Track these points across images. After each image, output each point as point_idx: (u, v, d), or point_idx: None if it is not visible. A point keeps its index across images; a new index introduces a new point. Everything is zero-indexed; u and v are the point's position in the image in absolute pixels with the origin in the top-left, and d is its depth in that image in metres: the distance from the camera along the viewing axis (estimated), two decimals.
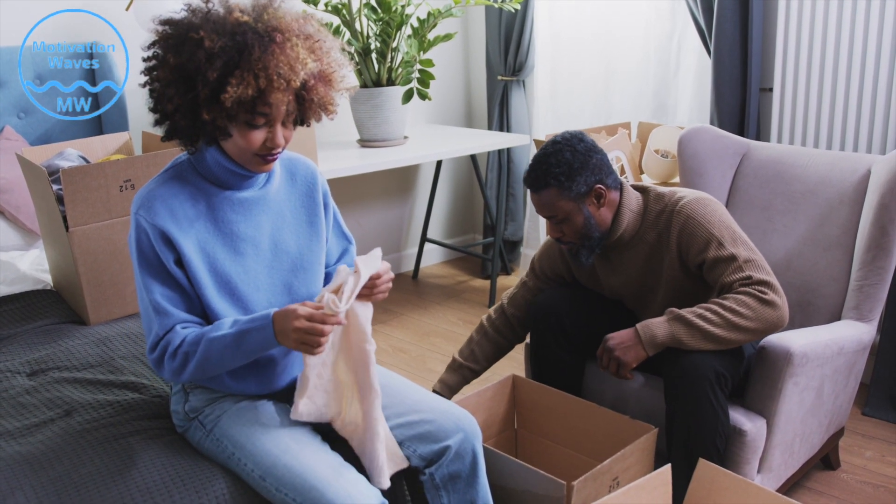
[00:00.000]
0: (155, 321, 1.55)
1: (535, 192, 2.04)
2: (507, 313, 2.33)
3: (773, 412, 2.01)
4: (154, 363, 1.57)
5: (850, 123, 2.86)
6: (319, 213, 1.76)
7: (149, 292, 1.55)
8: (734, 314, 1.88)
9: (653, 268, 2.09)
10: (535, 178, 2.02)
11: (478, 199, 4.67)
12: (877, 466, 2.50)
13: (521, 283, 2.36)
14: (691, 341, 1.90)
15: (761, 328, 1.90)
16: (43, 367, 2.06)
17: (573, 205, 2.01)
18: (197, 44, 1.44)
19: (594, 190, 2.01)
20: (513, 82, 4.12)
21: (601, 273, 2.20)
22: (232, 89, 1.43)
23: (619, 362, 1.95)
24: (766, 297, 1.89)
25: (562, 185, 1.98)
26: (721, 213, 2.02)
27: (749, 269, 1.93)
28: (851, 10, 2.78)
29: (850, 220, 2.31)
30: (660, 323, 1.94)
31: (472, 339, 2.35)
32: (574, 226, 2.03)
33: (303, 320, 1.46)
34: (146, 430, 1.74)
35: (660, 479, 1.68)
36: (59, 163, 2.62)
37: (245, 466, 1.57)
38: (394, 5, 3.40)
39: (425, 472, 1.70)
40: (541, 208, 2.04)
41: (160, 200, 1.56)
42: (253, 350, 1.52)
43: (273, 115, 1.51)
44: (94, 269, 2.29)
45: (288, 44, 1.47)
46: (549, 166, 1.99)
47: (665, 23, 3.51)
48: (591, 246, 2.07)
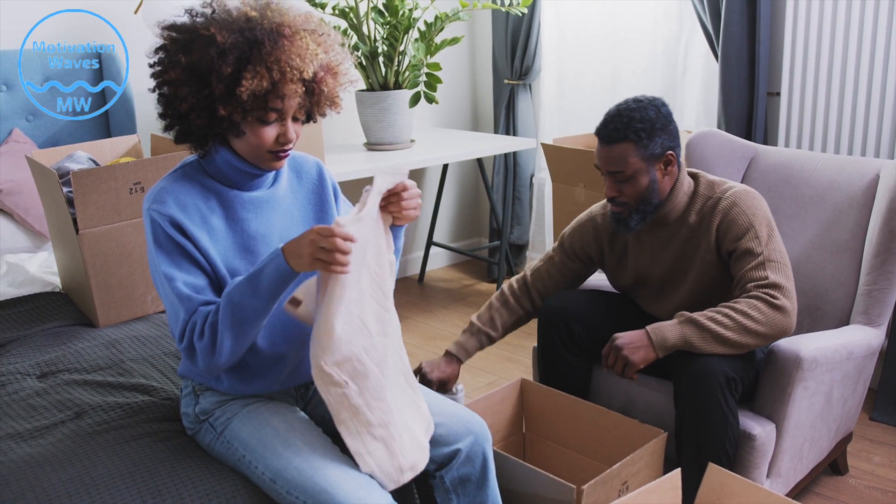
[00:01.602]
0: (181, 309, 1.52)
1: (608, 145, 2.00)
2: (529, 285, 2.32)
3: (783, 417, 2.01)
4: (185, 352, 1.53)
5: (858, 127, 2.85)
6: (329, 209, 1.76)
7: (171, 282, 1.52)
8: (746, 318, 1.88)
9: (688, 252, 2.08)
10: (614, 129, 1.99)
11: (484, 203, 4.67)
12: (885, 472, 2.49)
13: (547, 257, 2.34)
14: (703, 344, 1.90)
15: (772, 333, 1.90)
16: (53, 370, 2.06)
17: (643, 164, 1.99)
18: (208, 41, 1.46)
19: (666, 156, 2.01)
20: (519, 86, 4.12)
21: (632, 251, 2.18)
22: (247, 82, 1.44)
23: (627, 362, 1.94)
24: (777, 301, 1.89)
25: (640, 141, 1.97)
26: (765, 209, 2.02)
27: (769, 270, 1.93)
28: (859, 15, 2.77)
29: (859, 225, 2.31)
30: (671, 326, 1.94)
31: (493, 305, 2.32)
32: (637, 187, 2.01)
33: (314, 234, 1.40)
34: (156, 433, 1.74)
35: (669, 484, 1.67)
36: (69, 165, 2.62)
37: (255, 469, 1.57)
38: (401, 9, 3.41)
39: (435, 475, 1.70)
40: (608, 162, 2.01)
41: (171, 195, 1.56)
42: (271, 287, 1.45)
43: (285, 110, 1.52)
44: (103, 272, 2.30)
45: (296, 36, 1.49)
46: (631, 120, 1.97)
47: (672, 26, 3.51)
48: (644, 211, 2.05)
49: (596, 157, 2.06)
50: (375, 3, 3.47)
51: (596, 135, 2.04)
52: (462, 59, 4.49)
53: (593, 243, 2.27)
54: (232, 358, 1.52)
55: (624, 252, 2.21)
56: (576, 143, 3.36)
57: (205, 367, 1.53)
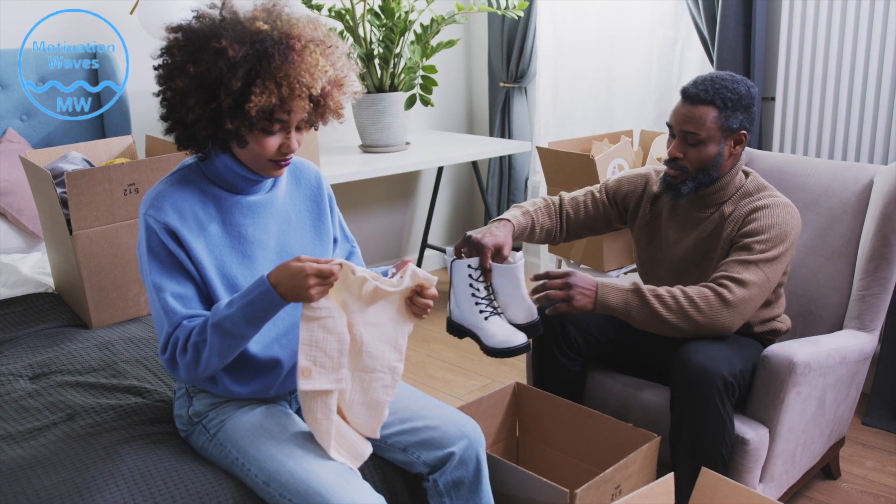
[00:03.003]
0: (165, 321, 1.53)
1: (691, 104, 1.99)
2: (562, 205, 2.26)
3: (776, 421, 2.01)
4: (167, 363, 1.54)
5: (853, 133, 2.86)
6: (325, 218, 1.76)
7: (160, 293, 1.53)
8: (691, 305, 1.90)
9: (712, 238, 2.08)
10: (704, 90, 1.98)
11: (479, 206, 4.67)
12: (877, 476, 2.50)
13: (586, 190, 2.29)
14: (639, 318, 1.92)
15: (709, 327, 1.92)
16: (45, 371, 2.06)
17: (718, 133, 1.99)
18: (219, 53, 1.44)
19: (739, 134, 2.01)
20: (515, 89, 4.13)
21: (664, 221, 2.18)
22: (256, 98, 1.44)
23: (569, 300, 1.93)
24: (727, 295, 1.91)
25: (725, 108, 1.97)
26: (794, 229, 2.01)
27: (748, 270, 1.93)
28: (854, 20, 2.78)
29: (853, 230, 2.31)
30: (619, 290, 1.95)
31: (533, 203, 2.23)
32: (703, 154, 2.01)
33: (301, 259, 1.45)
34: (149, 435, 1.73)
35: (663, 488, 1.68)
36: (63, 166, 2.62)
37: (249, 471, 1.56)
38: (397, 11, 3.41)
39: (429, 478, 1.69)
40: (686, 121, 2.00)
41: (169, 201, 1.56)
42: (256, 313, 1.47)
43: (290, 121, 1.52)
44: (97, 273, 2.29)
45: (306, 51, 1.48)
46: (723, 88, 1.98)
47: (668, 31, 3.52)
48: (700, 181, 2.05)
49: (671, 116, 2.06)
50: (371, 6, 3.47)
51: (681, 93, 2.03)
52: (458, 61, 4.49)
53: (637, 195, 2.24)
54: (204, 376, 1.56)
55: (657, 219, 2.20)
56: (571, 146, 3.36)
57: (186, 378, 1.55)
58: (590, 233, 2.31)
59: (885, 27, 2.71)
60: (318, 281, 1.44)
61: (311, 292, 1.44)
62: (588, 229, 2.29)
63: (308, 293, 1.44)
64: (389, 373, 1.61)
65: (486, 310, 1.94)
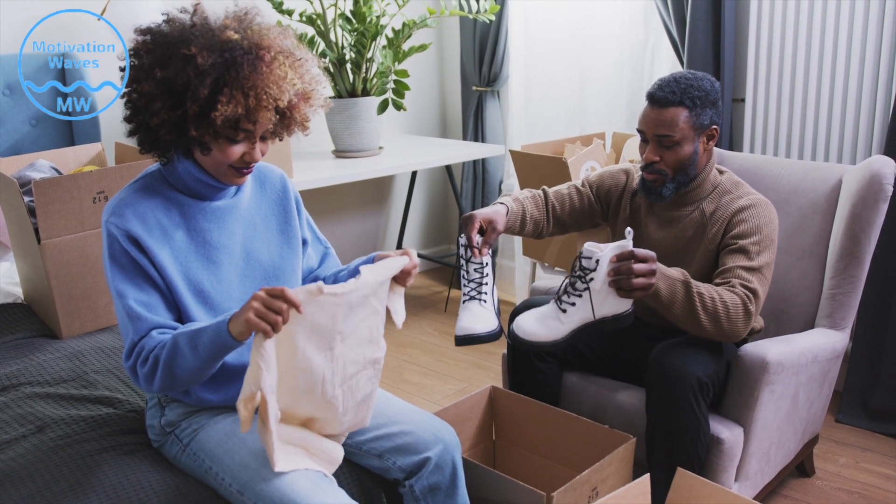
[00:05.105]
0: (130, 328, 1.51)
1: (661, 108, 1.99)
2: (549, 199, 2.24)
3: (750, 420, 2.03)
4: (129, 371, 1.53)
5: (822, 133, 2.89)
6: (292, 221, 1.75)
7: (123, 299, 1.52)
8: (725, 310, 1.89)
9: (694, 238, 2.09)
10: (671, 93, 1.99)
11: (453, 210, 4.67)
12: (851, 473, 2.52)
13: (569, 184, 2.28)
14: (678, 311, 1.90)
15: (726, 334, 1.92)
16: (14, 383, 2.02)
17: (691, 133, 2.00)
18: (188, 59, 1.44)
19: (710, 129, 2.02)
20: (487, 93, 4.13)
21: (644, 217, 2.17)
22: (222, 107, 1.43)
23: (648, 287, 1.84)
24: (751, 310, 1.92)
25: (694, 107, 1.98)
26: (776, 226, 2.04)
27: (756, 279, 1.94)
28: (821, 22, 2.82)
29: (823, 230, 2.34)
30: (670, 279, 1.89)
31: (522, 194, 2.22)
32: (679, 155, 2.01)
33: (262, 293, 1.38)
34: (121, 446, 1.71)
35: (639, 489, 1.68)
36: (31, 174, 2.58)
37: (223, 481, 1.55)
38: (368, 16, 3.40)
39: (405, 483, 1.69)
40: (658, 125, 2.00)
41: (131, 208, 1.55)
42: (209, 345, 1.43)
43: (255, 132, 1.52)
44: (66, 282, 2.26)
45: (275, 62, 1.48)
46: (689, 87, 1.98)
47: (639, 33, 3.54)
48: (679, 181, 2.05)
49: (641, 121, 2.06)
50: (343, 10, 3.46)
51: (648, 98, 2.04)
52: (430, 65, 4.49)
53: (619, 190, 2.24)
54: (164, 392, 1.55)
55: (636, 217, 2.20)
56: (543, 149, 3.36)
57: (144, 388, 1.54)
58: (574, 227, 2.30)
59: (852, 28, 2.75)
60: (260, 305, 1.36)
61: (248, 314, 1.36)
62: (573, 222, 2.27)
63: (246, 314, 1.36)
64: (371, 365, 1.60)
65: (467, 293, 1.94)
